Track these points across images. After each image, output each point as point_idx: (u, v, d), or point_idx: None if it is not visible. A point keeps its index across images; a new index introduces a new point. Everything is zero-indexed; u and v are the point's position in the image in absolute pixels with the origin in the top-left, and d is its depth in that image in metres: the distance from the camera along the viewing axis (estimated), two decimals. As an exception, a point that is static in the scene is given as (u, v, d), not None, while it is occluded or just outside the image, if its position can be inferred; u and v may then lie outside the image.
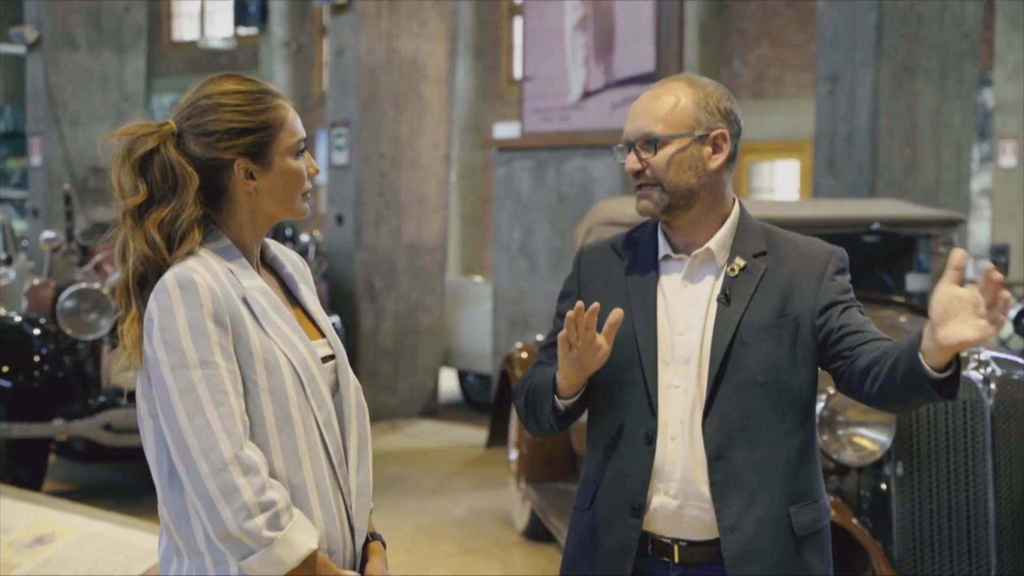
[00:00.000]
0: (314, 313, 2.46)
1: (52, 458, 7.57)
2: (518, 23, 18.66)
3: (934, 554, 4.36)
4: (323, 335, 2.44)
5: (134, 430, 7.10)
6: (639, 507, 2.62)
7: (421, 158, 10.12)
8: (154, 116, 19.32)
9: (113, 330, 7.08)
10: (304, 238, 10.04)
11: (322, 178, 10.59)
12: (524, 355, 6.91)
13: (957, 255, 2.26)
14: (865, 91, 7.65)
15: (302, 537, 2.22)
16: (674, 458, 2.62)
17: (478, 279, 12.99)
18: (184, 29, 23.29)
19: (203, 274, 2.25)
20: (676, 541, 2.63)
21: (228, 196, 2.35)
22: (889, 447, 4.36)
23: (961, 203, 7.89)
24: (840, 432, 4.47)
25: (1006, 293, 2.22)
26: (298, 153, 2.37)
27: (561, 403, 2.64)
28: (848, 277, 2.69)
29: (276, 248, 2.51)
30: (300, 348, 2.31)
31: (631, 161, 2.66)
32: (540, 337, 7.21)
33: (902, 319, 5.50)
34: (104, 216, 11.67)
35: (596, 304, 2.51)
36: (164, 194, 2.29)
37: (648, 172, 2.64)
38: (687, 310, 2.66)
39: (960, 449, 4.35)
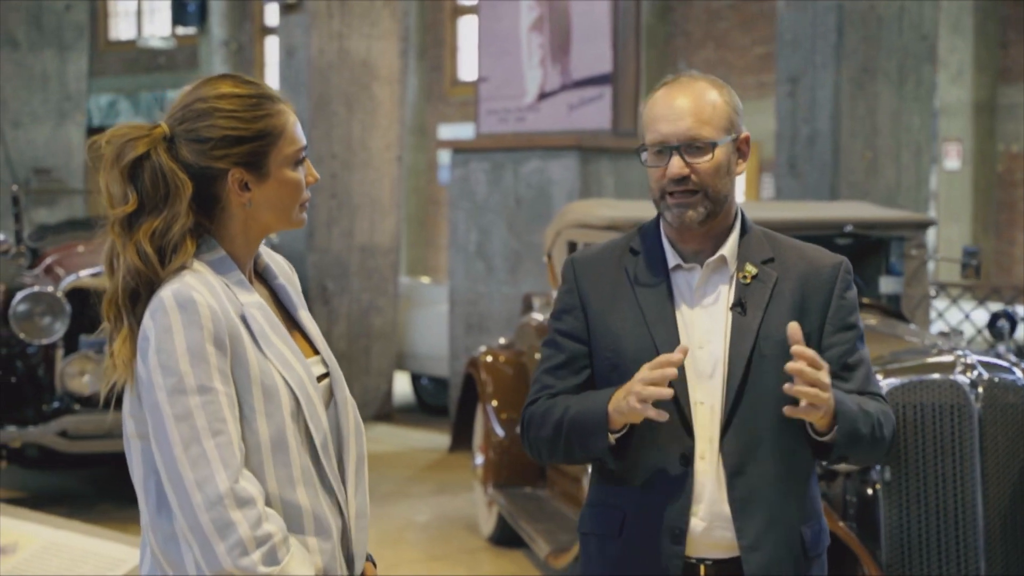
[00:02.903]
0: (308, 328, 2.34)
1: (3, 465, 7.39)
2: (462, 24, 18.60)
3: (922, 559, 4.32)
4: (316, 351, 2.32)
5: (90, 436, 7.02)
6: (680, 532, 2.53)
7: (373, 159, 10.02)
8: (92, 117, 19.08)
9: (67, 335, 6.96)
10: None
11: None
12: (489, 359, 6.83)
13: (791, 327, 2.42)
14: (826, 93, 7.66)
15: (299, 569, 2.11)
16: (704, 479, 2.54)
17: (426, 280, 12.90)
18: (121, 28, 22.98)
19: (203, 292, 2.12)
20: (702, 561, 2.56)
21: (222, 206, 2.21)
22: (876, 451, 4.33)
23: (921, 204, 7.92)
24: None
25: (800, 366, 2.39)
26: (297, 162, 2.24)
27: (613, 437, 2.52)
28: (855, 291, 2.66)
29: (267, 256, 2.37)
30: (297, 369, 2.19)
31: (677, 166, 2.52)
32: (503, 340, 7.14)
33: (873, 321, 5.48)
34: (47, 218, 11.47)
35: (686, 347, 2.45)
36: (155, 203, 2.15)
37: (694, 178, 2.53)
38: (704, 322, 2.58)
39: (948, 453, 4.32)
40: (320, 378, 2.28)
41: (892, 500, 4.35)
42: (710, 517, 2.54)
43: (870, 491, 4.38)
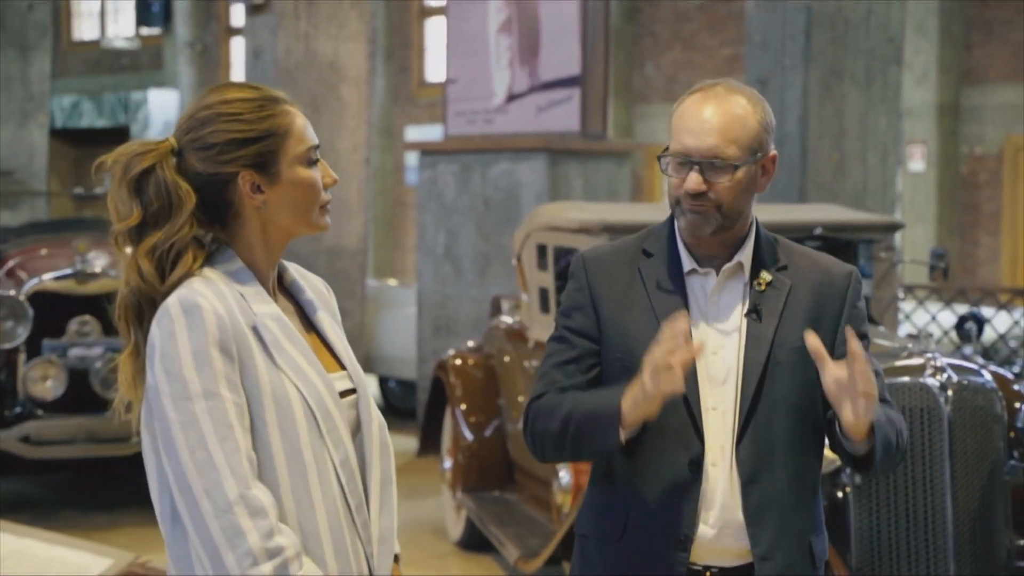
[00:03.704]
0: (334, 343, 2.28)
1: (-36, 471, 7.31)
2: (429, 25, 18.54)
3: (892, 561, 4.33)
4: (344, 367, 2.27)
5: (53, 442, 6.95)
6: (686, 539, 2.50)
7: (341, 161, 9.94)
8: (55, 118, 18.91)
9: (30, 339, 6.89)
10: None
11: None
12: (457, 362, 6.79)
13: (811, 338, 2.39)
14: (794, 94, 7.66)
15: None
16: (715, 485, 2.51)
17: (392, 282, 12.85)
18: (84, 29, 22.80)
19: (209, 298, 2.08)
20: (708, 567, 2.54)
21: (235, 212, 2.18)
22: (847, 455, 4.32)
23: (887, 206, 7.92)
24: None
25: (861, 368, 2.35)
26: (310, 161, 2.20)
27: (625, 435, 2.46)
28: (864, 301, 2.66)
29: (296, 272, 2.33)
30: (315, 382, 2.14)
31: (695, 182, 2.48)
32: (472, 343, 7.11)
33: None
34: (9, 220, 11.35)
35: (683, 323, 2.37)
36: (158, 217, 2.13)
37: (711, 195, 2.49)
38: (719, 327, 2.55)
39: (918, 457, 4.33)
40: (346, 394, 2.22)
41: (862, 503, 4.35)
42: (721, 524, 2.52)
43: (840, 494, 4.38)
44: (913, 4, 14.55)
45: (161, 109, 19.60)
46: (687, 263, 2.59)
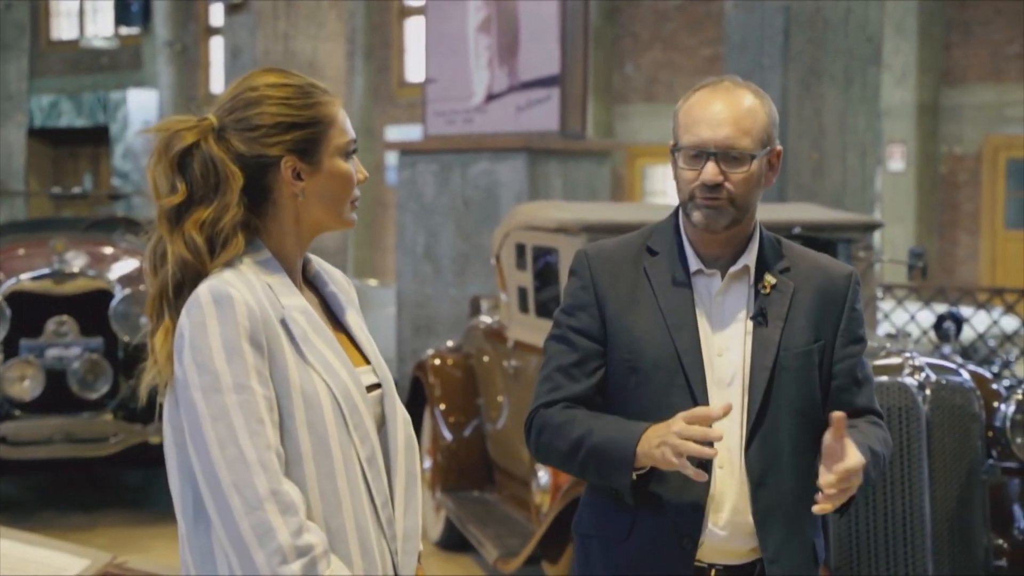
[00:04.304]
0: (359, 337, 2.25)
1: (-59, 472, 7.27)
2: (409, 25, 18.52)
3: (870, 561, 4.33)
4: (368, 362, 2.24)
5: (31, 442, 6.91)
6: (694, 539, 2.52)
7: (320, 161, 9.93)
8: (33, 118, 18.83)
9: (7, 339, 6.85)
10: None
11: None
12: (437, 362, 6.78)
13: (836, 417, 2.38)
14: (773, 94, 7.56)
15: None
16: (723, 487, 2.52)
17: (372, 282, 12.83)
18: (63, 28, 22.70)
19: (240, 289, 2.05)
20: (712, 566, 2.56)
21: (272, 199, 2.16)
22: (825, 454, 4.33)
23: (867, 206, 7.94)
24: None
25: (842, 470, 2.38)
26: (347, 155, 2.19)
27: (636, 474, 2.47)
28: (862, 304, 2.67)
29: (319, 264, 2.30)
30: (342, 376, 2.11)
31: (712, 173, 2.48)
32: (451, 343, 7.09)
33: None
34: (-14, 220, 11.29)
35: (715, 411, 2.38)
36: (205, 194, 2.10)
37: (727, 187, 2.49)
38: (724, 330, 2.55)
39: (896, 455, 4.33)
40: (371, 388, 2.20)
41: (841, 502, 4.34)
42: (731, 527, 2.53)
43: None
44: (892, 4, 14.60)
45: (140, 109, 19.55)
46: (693, 263, 2.58)
